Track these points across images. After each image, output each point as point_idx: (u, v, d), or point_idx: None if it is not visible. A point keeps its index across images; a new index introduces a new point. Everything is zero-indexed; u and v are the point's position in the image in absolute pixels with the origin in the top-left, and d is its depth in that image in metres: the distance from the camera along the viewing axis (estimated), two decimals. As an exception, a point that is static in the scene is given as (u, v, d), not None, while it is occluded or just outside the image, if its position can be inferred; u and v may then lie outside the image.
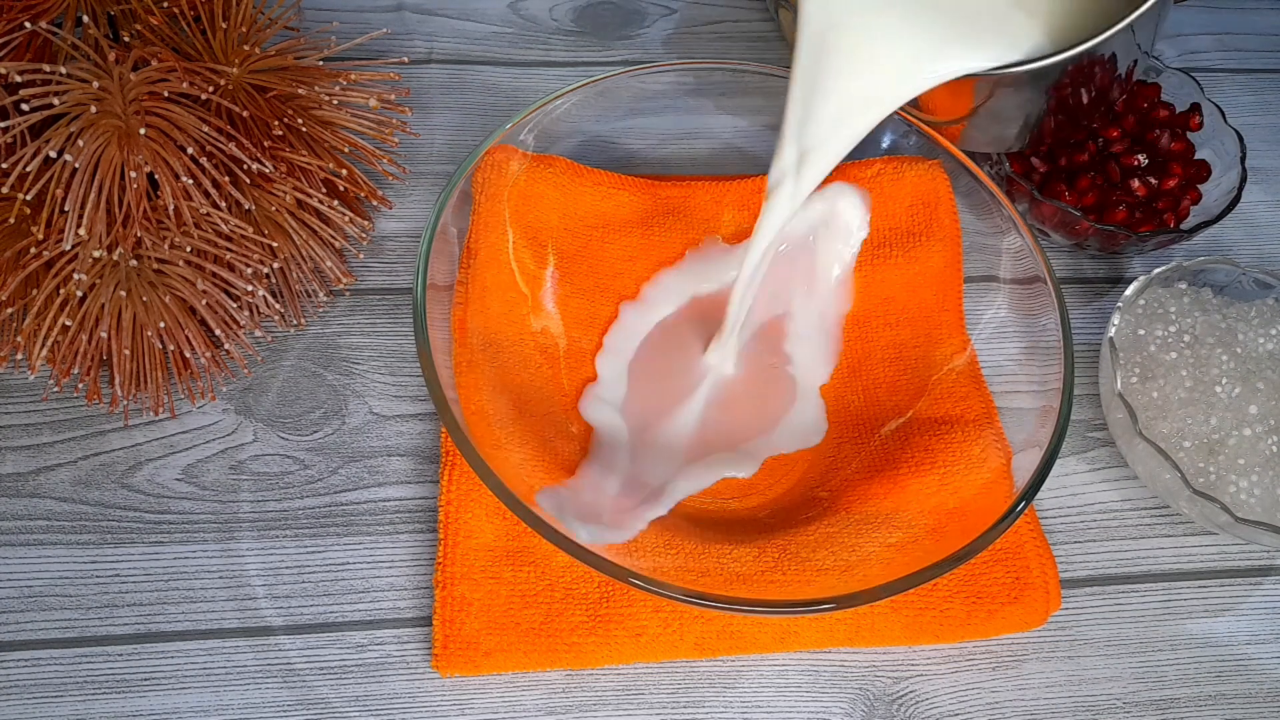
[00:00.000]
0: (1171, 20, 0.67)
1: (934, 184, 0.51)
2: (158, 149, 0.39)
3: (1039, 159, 0.53)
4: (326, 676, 0.38)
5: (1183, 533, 0.46)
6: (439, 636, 0.38)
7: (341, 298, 0.48)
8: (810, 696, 0.40)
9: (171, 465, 0.42)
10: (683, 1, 0.63)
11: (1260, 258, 0.56)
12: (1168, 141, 0.53)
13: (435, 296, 0.40)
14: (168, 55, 0.40)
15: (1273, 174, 0.59)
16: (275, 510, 0.42)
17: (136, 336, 0.40)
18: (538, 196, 0.48)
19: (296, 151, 0.43)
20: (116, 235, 0.39)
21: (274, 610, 0.39)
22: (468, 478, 0.41)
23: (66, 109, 0.38)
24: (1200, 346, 0.46)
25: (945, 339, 0.47)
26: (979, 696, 0.40)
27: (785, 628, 0.40)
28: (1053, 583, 0.41)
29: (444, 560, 0.39)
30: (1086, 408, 0.49)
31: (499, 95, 0.56)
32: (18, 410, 0.43)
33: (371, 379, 0.45)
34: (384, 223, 0.50)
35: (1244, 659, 0.42)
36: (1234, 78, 0.64)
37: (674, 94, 0.50)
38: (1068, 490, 0.46)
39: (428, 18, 0.59)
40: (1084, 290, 0.53)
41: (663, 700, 0.39)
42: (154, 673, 0.38)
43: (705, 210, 0.51)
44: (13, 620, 0.38)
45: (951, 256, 0.49)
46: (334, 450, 0.43)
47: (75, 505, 0.41)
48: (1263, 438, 0.43)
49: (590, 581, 0.40)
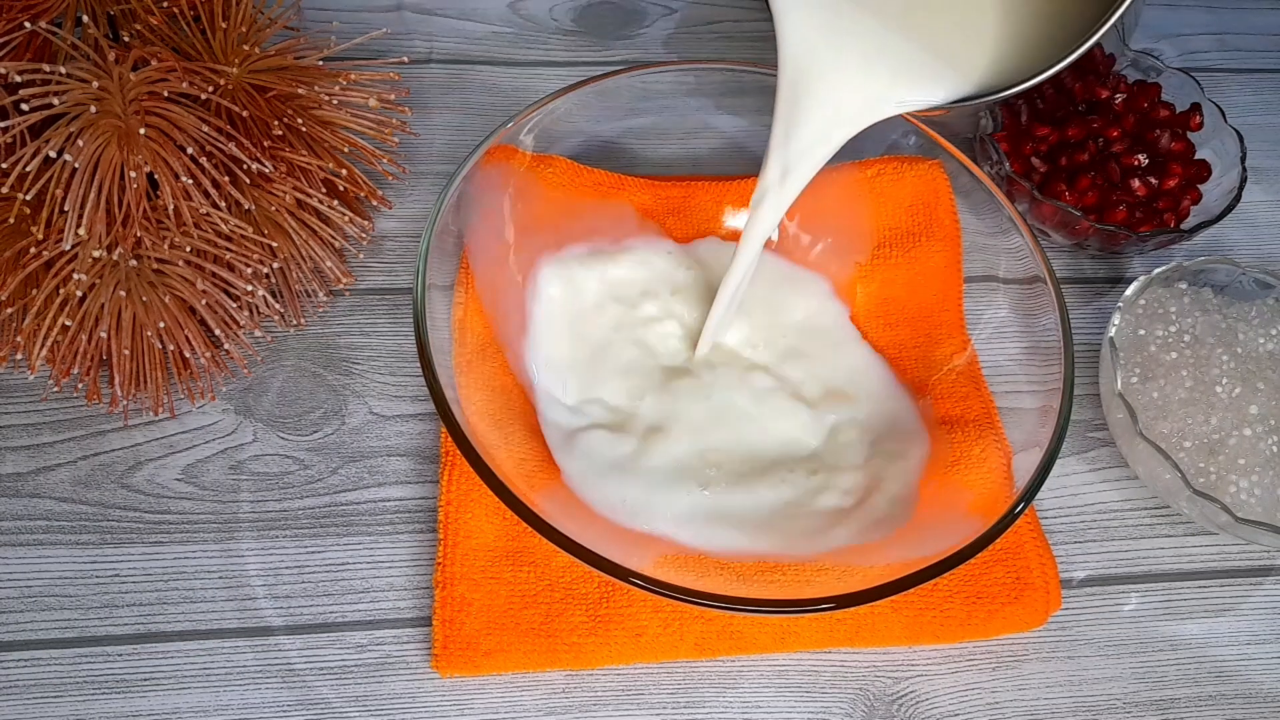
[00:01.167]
0: (1171, 20, 0.67)
1: (934, 184, 0.51)
2: (157, 149, 0.39)
3: (1039, 159, 0.53)
4: (326, 677, 0.38)
5: (1183, 533, 0.46)
6: (439, 637, 0.38)
7: (341, 298, 0.48)
8: (810, 696, 0.40)
9: (171, 465, 0.42)
10: (683, 1, 0.63)
11: (1260, 258, 0.56)
12: (1168, 141, 0.53)
13: (435, 296, 0.40)
14: (167, 55, 0.40)
15: (1273, 174, 0.59)
16: (275, 510, 0.41)
17: (136, 336, 0.40)
18: (538, 196, 0.48)
19: (296, 151, 0.43)
20: (116, 235, 0.39)
21: (274, 610, 0.39)
22: (468, 478, 0.41)
23: (66, 109, 0.38)
24: (1200, 346, 0.46)
25: (945, 339, 0.47)
26: (979, 696, 0.40)
27: (785, 628, 0.40)
28: (1053, 583, 0.41)
29: (444, 560, 0.39)
30: (1086, 408, 0.49)
31: (499, 95, 0.56)
32: (18, 410, 0.43)
33: (371, 379, 0.45)
34: (384, 223, 0.50)
35: (1244, 659, 0.42)
36: (1234, 78, 0.64)
37: (674, 94, 0.50)
38: (1068, 490, 0.46)
39: (428, 18, 0.59)
40: (1084, 290, 0.53)
41: (663, 700, 0.39)
42: (154, 673, 0.38)
43: (705, 210, 0.51)
44: (13, 620, 0.38)
45: (951, 256, 0.49)
46: (334, 450, 0.43)
47: (75, 505, 0.41)
48: (1263, 438, 0.43)
49: (590, 581, 0.40)
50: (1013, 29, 0.35)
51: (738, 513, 0.41)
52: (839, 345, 0.48)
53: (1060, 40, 0.34)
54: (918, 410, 0.45)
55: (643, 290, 0.48)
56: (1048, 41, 0.34)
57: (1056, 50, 0.33)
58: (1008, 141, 0.53)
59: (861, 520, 0.41)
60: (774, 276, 0.49)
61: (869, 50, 0.36)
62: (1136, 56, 0.56)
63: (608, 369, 0.45)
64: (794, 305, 0.49)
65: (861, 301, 0.50)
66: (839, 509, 0.42)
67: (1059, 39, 0.34)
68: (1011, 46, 0.35)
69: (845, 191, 0.50)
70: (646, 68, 0.48)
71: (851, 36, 0.36)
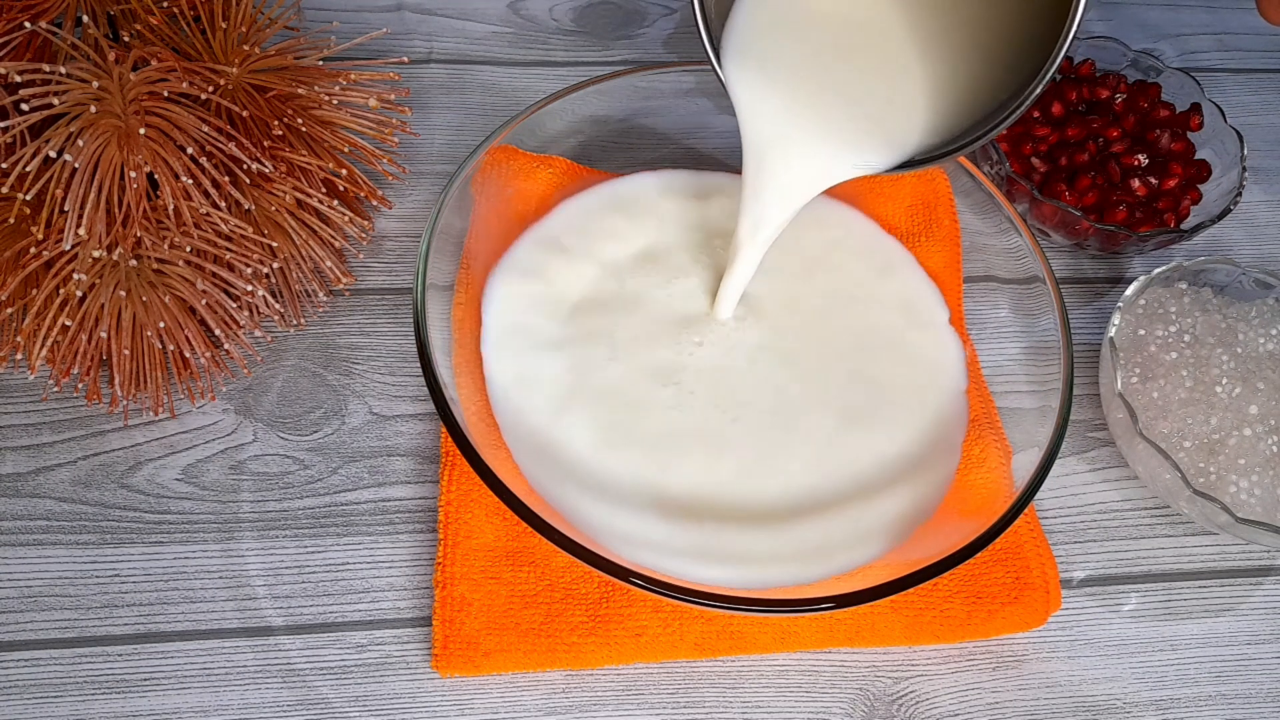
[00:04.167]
0: (1171, 20, 0.67)
1: (934, 184, 0.51)
2: (157, 149, 0.39)
3: (1039, 159, 0.53)
4: (327, 676, 0.38)
5: (1183, 533, 0.46)
6: (439, 637, 0.38)
7: (341, 298, 0.48)
8: (810, 696, 0.40)
9: (171, 465, 0.42)
10: (683, 1, 0.63)
11: (1260, 258, 0.56)
12: (1168, 141, 0.53)
13: (435, 296, 0.40)
14: (167, 55, 0.40)
15: (1273, 174, 0.59)
16: (275, 510, 0.42)
17: (136, 336, 0.40)
18: (538, 196, 0.48)
19: (296, 151, 0.43)
20: (116, 235, 0.39)
21: (274, 610, 0.39)
22: (468, 478, 0.41)
23: (66, 109, 0.38)
24: (1200, 346, 0.46)
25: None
26: (979, 696, 0.40)
27: (785, 628, 0.40)
28: (1053, 583, 0.41)
29: (444, 560, 0.39)
30: (1086, 408, 0.49)
31: (499, 95, 0.56)
32: (18, 410, 0.43)
33: (371, 379, 0.45)
34: (384, 223, 0.50)
35: (1244, 659, 0.42)
36: (1234, 78, 0.64)
37: (674, 94, 0.50)
38: (1068, 490, 0.46)
39: (428, 18, 0.59)
40: (1084, 290, 0.53)
41: (663, 700, 0.39)
42: (154, 673, 0.38)
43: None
44: (13, 620, 0.38)
45: (951, 256, 0.49)
46: (334, 450, 0.43)
47: (75, 505, 0.41)
48: (1263, 438, 0.43)
49: (590, 581, 0.40)
50: (942, 100, 0.39)
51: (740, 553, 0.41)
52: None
53: (988, 103, 0.38)
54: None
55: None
56: (979, 105, 0.38)
57: (991, 110, 0.37)
58: (1008, 141, 0.53)
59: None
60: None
61: (817, 125, 0.40)
62: (1136, 56, 0.56)
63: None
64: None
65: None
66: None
67: (987, 102, 0.38)
68: (943, 115, 0.39)
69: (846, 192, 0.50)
70: (646, 68, 0.49)
71: (801, 115, 0.40)
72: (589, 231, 0.48)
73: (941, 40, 0.39)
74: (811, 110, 0.40)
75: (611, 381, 0.43)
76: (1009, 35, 0.37)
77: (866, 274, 0.48)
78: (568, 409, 0.42)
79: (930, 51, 0.39)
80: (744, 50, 0.41)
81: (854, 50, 0.40)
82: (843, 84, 0.40)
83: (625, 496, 0.40)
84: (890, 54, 0.39)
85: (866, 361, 0.45)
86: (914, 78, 0.39)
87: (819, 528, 0.40)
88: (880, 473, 0.42)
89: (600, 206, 0.49)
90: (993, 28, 0.38)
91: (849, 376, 0.44)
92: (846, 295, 0.47)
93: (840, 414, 0.43)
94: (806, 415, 0.43)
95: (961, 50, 0.39)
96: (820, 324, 0.46)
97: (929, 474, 0.42)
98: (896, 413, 0.44)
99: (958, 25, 0.38)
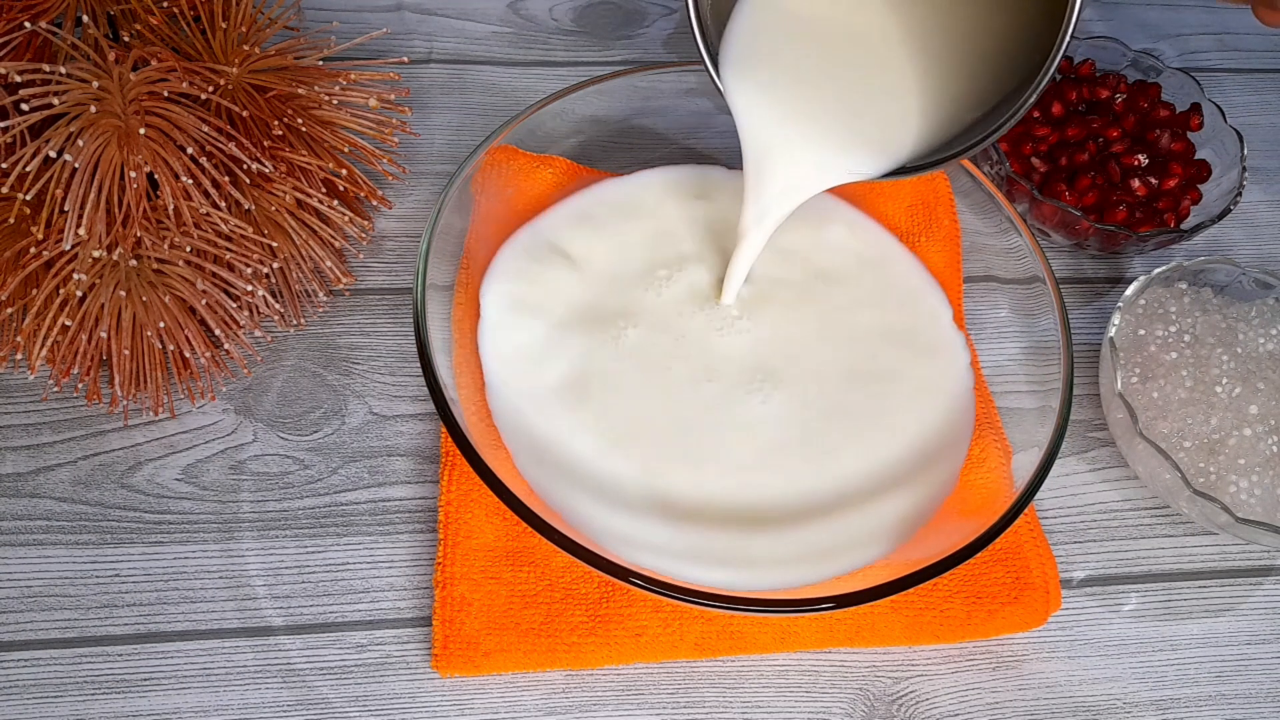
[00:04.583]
0: (1171, 20, 0.67)
1: (934, 184, 0.51)
2: (157, 149, 0.39)
3: (1039, 159, 0.53)
4: (327, 676, 0.38)
5: (1183, 533, 0.46)
6: (439, 637, 0.38)
7: (341, 298, 0.48)
8: (810, 696, 0.40)
9: (171, 465, 0.42)
10: (683, 1, 0.63)
11: (1260, 258, 0.56)
12: (1168, 141, 0.53)
13: (435, 296, 0.40)
14: (167, 55, 0.40)
15: (1273, 174, 0.59)
16: (275, 510, 0.42)
17: (136, 336, 0.40)
18: (538, 196, 0.48)
19: (296, 151, 0.43)
20: (116, 235, 0.39)
21: (274, 610, 0.39)
22: (468, 478, 0.41)
23: (66, 109, 0.38)
24: (1200, 346, 0.46)
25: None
26: (979, 696, 0.40)
27: (785, 628, 0.40)
28: (1053, 583, 0.41)
29: (444, 560, 0.39)
30: (1086, 408, 0.49)
31: (499, 95, 0.56)
32: (18, 410, 0.43)
33: (371, 379, 0.45)
34: (384, 223, 0.50)
35: (1244, 659, 0.42)
36: (1234, 78, 0.64)
37: (674, 94, 0.50)
38: (1068, 490, 0.46)
39: (428, 18, 0.59)
40: (1084, 290, 0.53)
41: (663, 700, 0.39)
42: (154, 673, 0.38)
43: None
44: (13, 620, 0.38)
45: (951, 256, 0.49)
46: (334, 450, 0.43)
47: (75, 505, 0.41)
48: (1263, 438, 0.43)
49: (590, 581, 0.40)
50: (937, 108, 0.39)
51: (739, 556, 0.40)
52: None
53: (982, 111, 0.38)
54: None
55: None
56: (973, 113, 0.39)
57: (986, 117, 0.38)
58: (1008, 141, 0.53)
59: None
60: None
61: (814, 133, 0.41)
62: (1136, 56, 0.56)
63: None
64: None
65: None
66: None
67: (981, 110, 0.38)
68: (939, 123, 0.40)
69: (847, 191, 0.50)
70: (646, 68, 0.49)
71: (799, 122, 0.41)
72: (589, 231, 0.47)
73: (936, 48, 0.39)
74: (809, 118, 0.41)
75: (612, 382, 0.43)
76: (1004, 43, 0.38)
77: (868, 274, 0.48)
78: (568, 409, 0.42)
79: (925, 59, 0.39)
80: (742, 59, 0.41)
81: (850, 59, 0.40)
82: (839, 92, 0.41)
83: (625, 497, 0.40)
84: (886, 62, 0.40)
85: (870, 364, 0.45)
86: (910, 85, 0.39)
87: (821, 530, 0.40)
88: (884, 474, 0.42)
89: (600, 206, 0.49)
90: (988, 36, 0.38)
91: (852, 379, 0.44)
92: (848, 296, 0.47)
93: (844, 416, 0.43)
94: (809, 417, 0.43)
95: (956, 58, 0.39)
96: (822, 326, 0.46)
97: (933, 475, 0.42)
98: (900, 414, 0.44)
99: (953, 34, 0.39)
